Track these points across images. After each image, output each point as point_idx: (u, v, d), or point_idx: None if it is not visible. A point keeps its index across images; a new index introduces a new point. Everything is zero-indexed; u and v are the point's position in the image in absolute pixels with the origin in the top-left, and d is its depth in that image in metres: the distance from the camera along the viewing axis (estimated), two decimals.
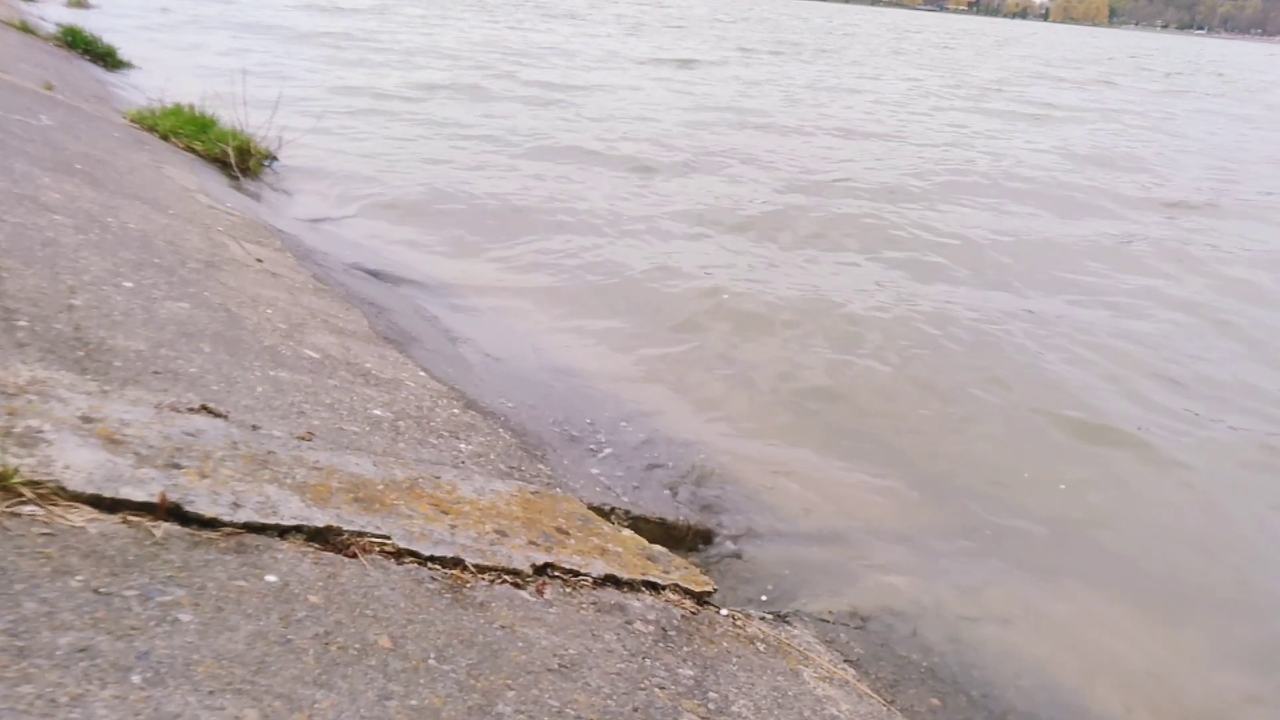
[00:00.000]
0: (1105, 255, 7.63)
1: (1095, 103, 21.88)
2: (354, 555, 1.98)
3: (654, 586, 2.47)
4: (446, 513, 2.33)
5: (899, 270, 6.68)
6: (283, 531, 1.94)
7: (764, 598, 2.98)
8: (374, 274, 5.32)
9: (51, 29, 10.47)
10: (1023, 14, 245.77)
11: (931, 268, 6.79)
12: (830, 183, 9.36)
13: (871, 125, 14.02)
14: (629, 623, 2.23)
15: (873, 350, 5.19)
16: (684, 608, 2.44)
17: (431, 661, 1.74)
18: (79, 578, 1.56)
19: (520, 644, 1.92)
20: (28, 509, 1.67)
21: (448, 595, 2.00)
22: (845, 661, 2.66)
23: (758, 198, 8.39)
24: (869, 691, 2.52)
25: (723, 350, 4.99)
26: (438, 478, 2.53)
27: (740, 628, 2.51)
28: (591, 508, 2.87)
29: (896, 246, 7.30)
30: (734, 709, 2.05)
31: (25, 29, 9.65)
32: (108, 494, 1.79)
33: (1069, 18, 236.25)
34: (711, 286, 5.91)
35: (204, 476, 1.99)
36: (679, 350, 4.93)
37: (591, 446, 3.69)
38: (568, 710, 1.77)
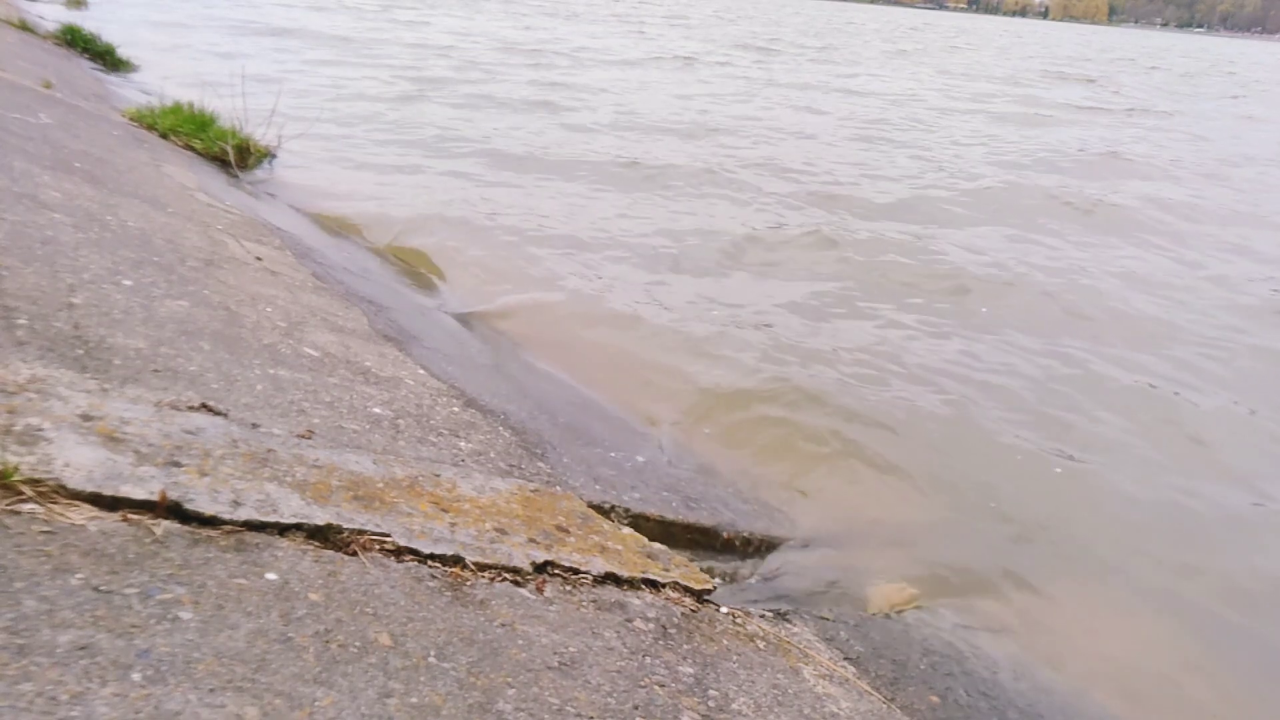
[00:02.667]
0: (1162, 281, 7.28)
1: (1125, 104, 21.48)
2: (354, 553, 1.98)
3: (654, 584, 2.47)
4: (446, 510, 2.33)
5: (913, 288, 6.53)
6: (283, 529, 1.94)
7: (764, 595, 2.97)
8: (369, 268, 5.32)
9: (50, 27, 10.46)
10: (1021, 12, 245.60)
11: (944, 284, 6.68)
12: (855, 196, 9.00)
13: (892, 132, 13.60)
14: (629, 620, 2.23)
15: (874, 355, 5.19)
16: (684, 605, 2.44)
17: (432, 659, 1.74)
18: (79, 575, 1.56)
19: (520, 642, 1.93)
20: (28, 507, 1.67)
21: (448, 593, 2.00)
22: (845, 659, 2.66)
23: (773, 213, 8.10)
24: (869, 689, 2.52)
25: (724, 356, 4.98)
26: (437, 475, 2.53)
27: (740, 625, 2.51)
28: (591, 505, 2.87)
29: (919, 265, 7.20)
30: (734, 706, 2.05)
31: (24, 27, 9.64)
32: (108, 492, 1.79)
33: (1068, 16, 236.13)
34: (719, 297, 5.89)
35: (204, 474, 1.99)
36: (682, 355, 4.92)
37: (592, 445, 3.68)
38: (568, 708, 1.77)
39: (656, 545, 2.74)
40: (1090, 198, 9.77)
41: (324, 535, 1.99)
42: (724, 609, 2.57)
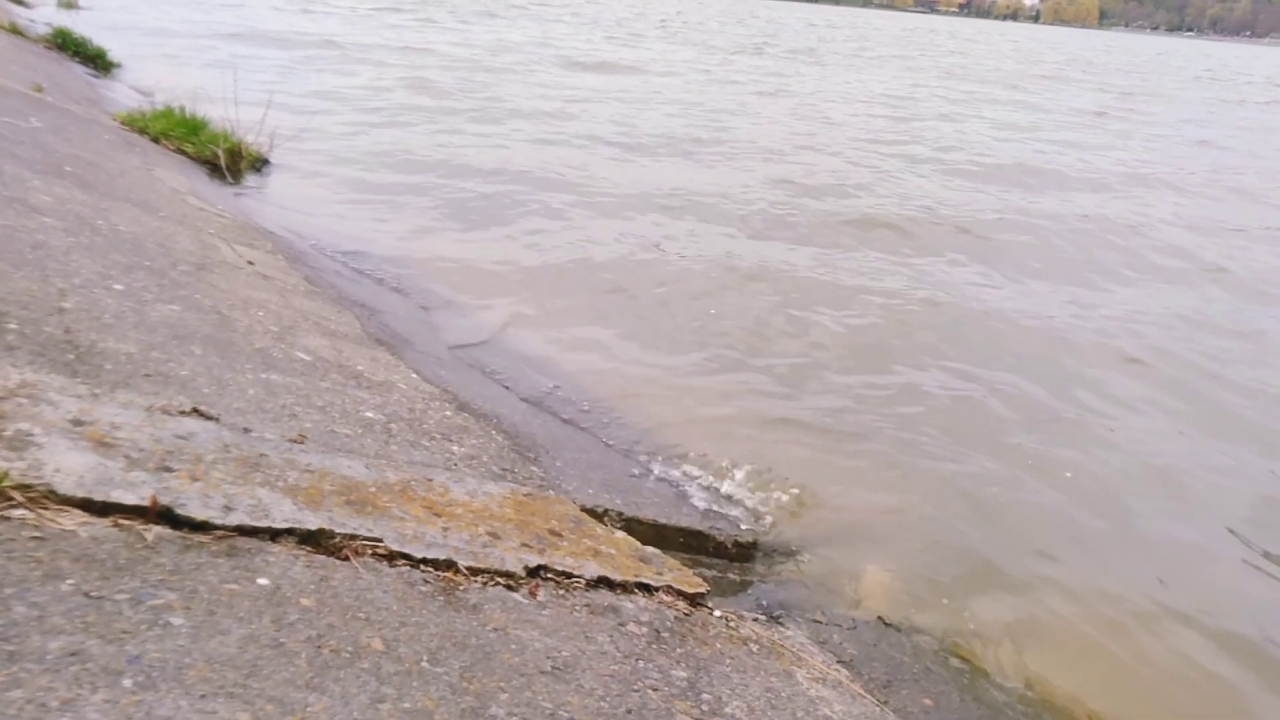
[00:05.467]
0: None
1: (1163, 116, 20.90)
2: (346, 558, 1.98)
3: (647, 588, 2.47)
4: (439, 515, 2.33)
5: (913, 299, 6.57)
6: (275, 534, 1.94)
7: (758, 598, 2.98)
8: (363, 274, 5.31)
9: (42, 31, 10.43)
10: (1013, 15, 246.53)
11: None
12: (862, 211, 8.58)
13: (894, 144, 12.94)
14: (622, 624, 2.23)
15: (871, 358, 5.20)
16: (677, 609, 2.44)
17: (424, 664, 1.74)
18: (70, 581, 1.56)
19: (513, 646, 1.92)
20: (18, 512, 1.67)
21: (440, 598, 1.99)
22: (838, 662, 2.67)
23: (772, 236, 7.79)
24: (862, 692, 2.52)
25: (720, 357, 4.99)
26: (430, 480, 2.53)
27: (733, 629, 2.51)
28: (584, 509, 2.87)
29: (923, 282, 7.22)
30: (727, 710, 2.06)
31: (15, 31, 9.61)
32: (98, 497, 1.79)
33: (1059, 19, 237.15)
34: (714, 310, 5.90)
35: (195, 479, 1.98)
36: (678, 362, 4.92)
37: (585, 449, 3.68)
38: (561, 712, 1.77)
39: (650, 549, 2.74)
40: (1106, 220, 9.46)
41: (316, 540, 1.99)
42: (717, 612, 2.57)
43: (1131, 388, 5.20)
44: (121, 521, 1.77)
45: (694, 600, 2.55)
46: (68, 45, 9.94)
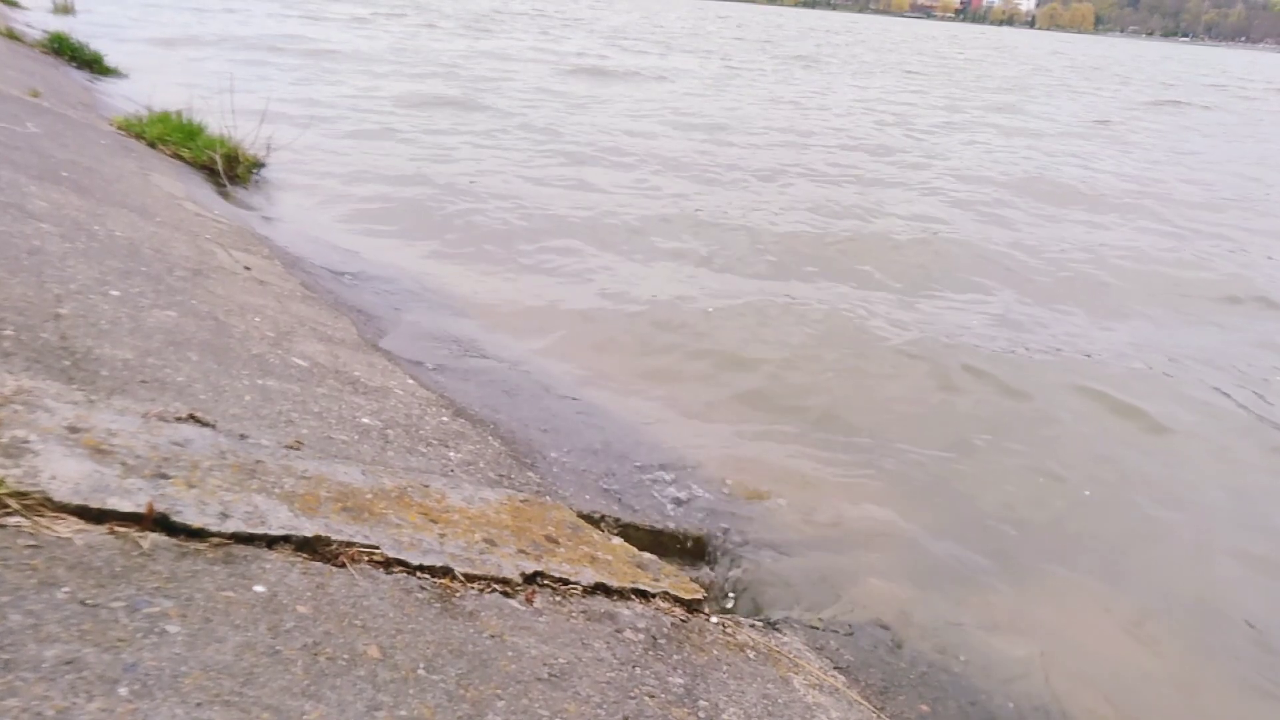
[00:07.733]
0: None
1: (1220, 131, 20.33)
2: (343, 565, 1.97)
3: (644, 594, 2.47)
4: (435, 521, 2.33)
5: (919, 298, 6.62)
6: (271, 541, 1.93)
7: (754, 605, 2.98)
8: (359, 279, 5.31)
9: (38, 35, 10.43)
10: (1009, 21, 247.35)
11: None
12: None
13: (952, 166, 12.20)
14: (619, 631, 2.23)
15: (866, 363, 5.20)
16: (674, 615, 2.44)
17: (421, 671, 1.74)
18: (65, 589, 1.55)
19: (510, 653, 1.92)
20: (13, 520, 1.66)
21: (437, 604, 1.99)
22: (835, 668, 2.67)
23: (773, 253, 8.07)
24: (859, 698, 2.52)
25: (717, 362, 4.99)
26: (426, 486, 2.53)
27: (730, 635, 2.51)
28: (581, 515, 2.87)
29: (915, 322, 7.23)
30: (724, 717, 2.05)
31: (11, 36, 9.61)
32: (94, 504, 1.78)
33: (1055, 25, 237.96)
34: (701, 302, 5.92)
35: (191, 486, 1.98)
36: (674, 362, 4.93)
37: (582, 454, 3.68)
38: (557, 719, 1.77)
39: (646, 555, 2.74)
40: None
41: (312, 547, 1.98)
42: (714, 618, 2.57)
43: (1160, 414, 5.10)
44: (117, 529, 1.77)
45: (691, 606, 2.55)
46: (64, 50, 9.95)
